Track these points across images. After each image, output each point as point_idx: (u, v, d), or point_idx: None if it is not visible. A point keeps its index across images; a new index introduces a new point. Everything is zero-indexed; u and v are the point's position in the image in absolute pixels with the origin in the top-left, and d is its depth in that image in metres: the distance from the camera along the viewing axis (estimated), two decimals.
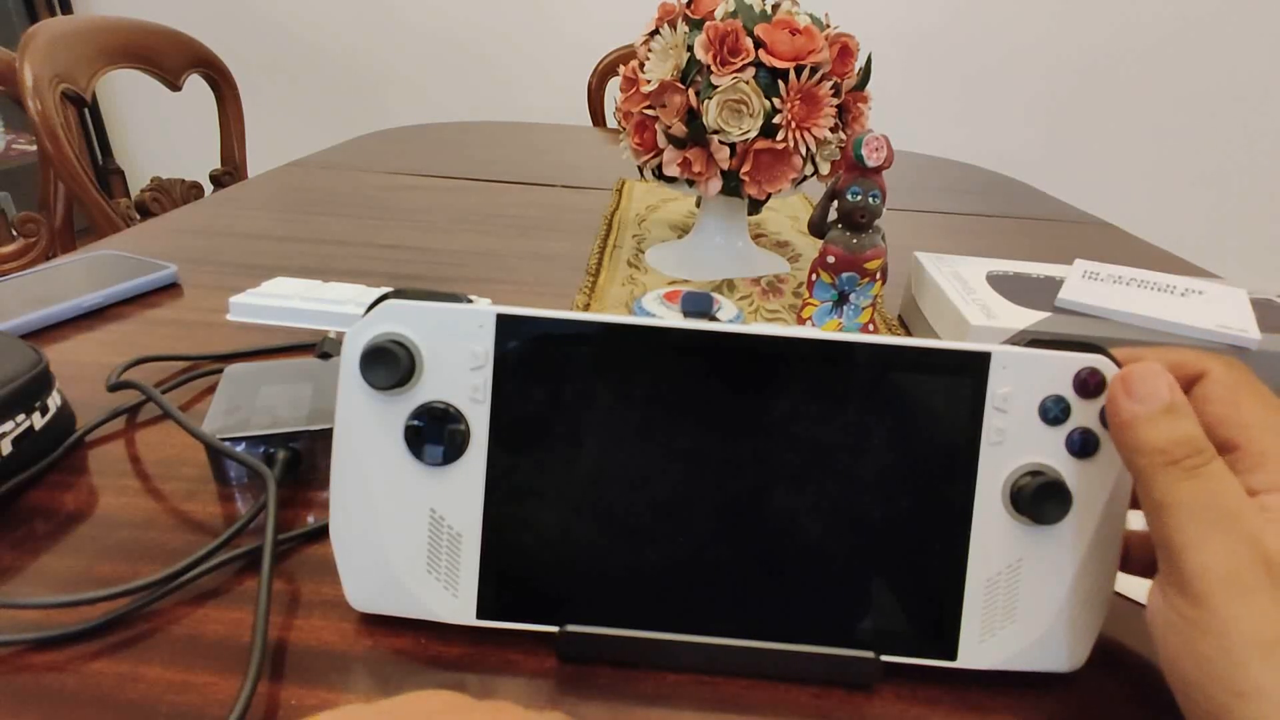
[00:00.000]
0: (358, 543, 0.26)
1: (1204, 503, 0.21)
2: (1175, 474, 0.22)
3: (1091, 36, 1.98)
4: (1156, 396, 0.23)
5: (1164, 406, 0.22)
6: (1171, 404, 0.22)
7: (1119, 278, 0.53)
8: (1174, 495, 0.22)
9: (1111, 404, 0.24)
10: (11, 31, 1.98)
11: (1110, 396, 0.24)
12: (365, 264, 0.63)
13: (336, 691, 0.24)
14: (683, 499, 0.26)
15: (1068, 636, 0.25)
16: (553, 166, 1.03)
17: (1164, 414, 0.22)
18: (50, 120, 0.88)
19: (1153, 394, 0.23)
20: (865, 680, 0.26)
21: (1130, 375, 0.23)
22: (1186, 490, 0.21)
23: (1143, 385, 0.23)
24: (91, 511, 0.32)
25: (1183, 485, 0.21)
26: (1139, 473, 0.23)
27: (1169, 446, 0.22)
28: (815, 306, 0.50)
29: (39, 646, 0.25)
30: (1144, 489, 0.22)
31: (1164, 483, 0.22)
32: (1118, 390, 0.23)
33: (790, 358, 0.25)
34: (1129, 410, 0.23)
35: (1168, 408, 0.22)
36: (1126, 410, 0.23)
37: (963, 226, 0.87)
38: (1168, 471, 0.22)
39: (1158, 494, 0.22)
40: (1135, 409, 0.23)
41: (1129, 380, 0.23)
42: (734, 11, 0.55)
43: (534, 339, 0.25)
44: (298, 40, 2.11)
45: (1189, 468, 0.22)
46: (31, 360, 0.34)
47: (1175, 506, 0.21)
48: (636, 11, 0.80)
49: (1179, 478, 0.22)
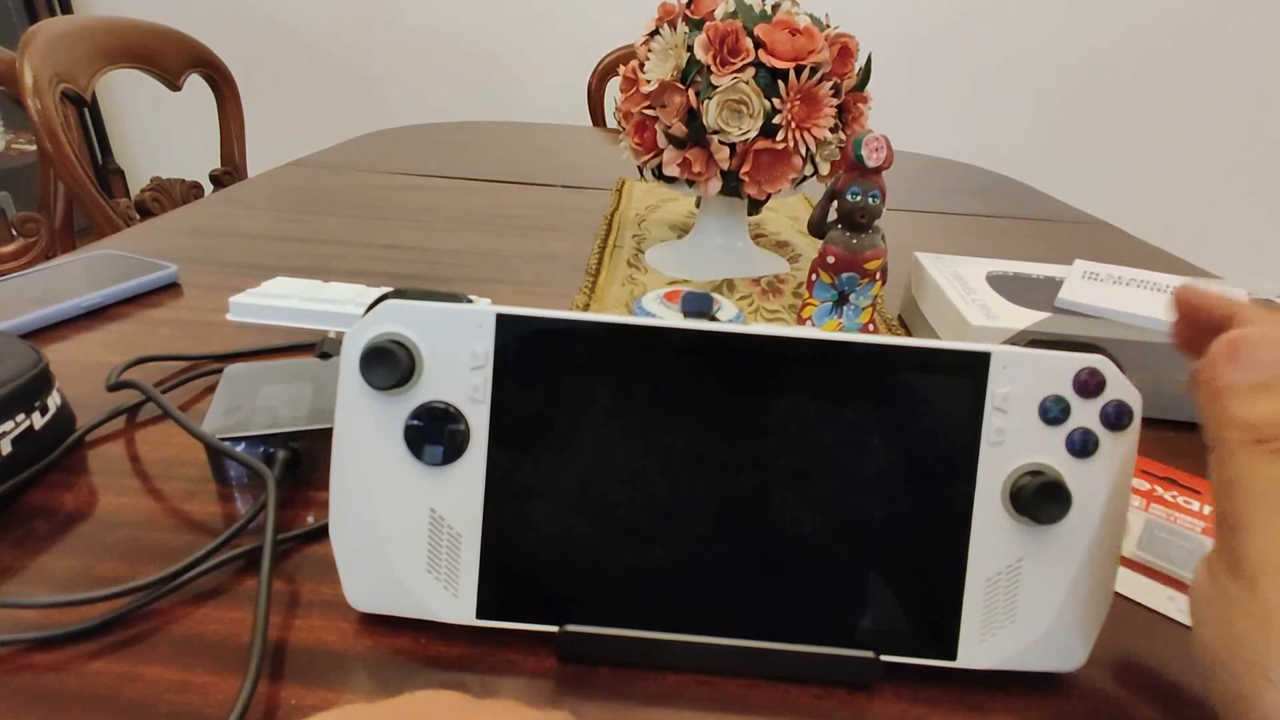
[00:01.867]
0: (358, 543, 0.26)
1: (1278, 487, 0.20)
2: (1258, 453, 0.20)
3: (1091, 39, 1.98)
4: (1262, 368, 0.21)
5: (1265, 380, 0.21)
6: (1272, 379, 0.21)
7: (1119, 278, 0.53)
8: (1251, 474, 0.20)
9: (1209, 367, 0.22)
10: (11, 31, 1.98)
11: (1210, 359, 0.22)
12: (365, 264, 0.63)
13: (336, 691, 0.24)
14: (683, 499, 0.26)
15: (1068, 636, 0.25)
16: (553, 166, 1.03)
17: (1263, 388, 0.21)
18: (50, 120, 0.88)
19: (1259, 364, 0.21)
20: (865, 680, 0.26)
21: (1242, 340, 0.21)
22: (1267, 471, 0.20)
23: (1251, 353, 0.21)
24: (91, 511, 0.32)
25: (1264, 466, 0.20)
26: (1219, 444, 0.21)
27: (1260, 423, 0.20)
28: (815, 306, 0.50)
29: (39, 646, 0.25)
30: (1219, 461, 0.21)
31: (1243, 460, 0.21)
32: (1221, 354, 0.22)
33: (790, 358, 0.25)
34: (1228, 378, 0.21)
35: (1267, 382, 0.21)
36: (1225, 377, 0.21)
37: (963, 227, 0.87)
38: (1250, 450, 0.21)
39: (1233, 470, 0.21)
40: (1236, 377, 0.21)
41: (1239, 345, 0.21)
42: (734, 11, 0.55)
43: (534, 339, 0.25)
44: (298, 40, 2.11)
45: (1274, 450, 0.20)
46: (31, 360, 0.34)
47: (1249, 486, 0.20)
48: (636, 12, 0.80)
49: (1262, 458, 0.20)
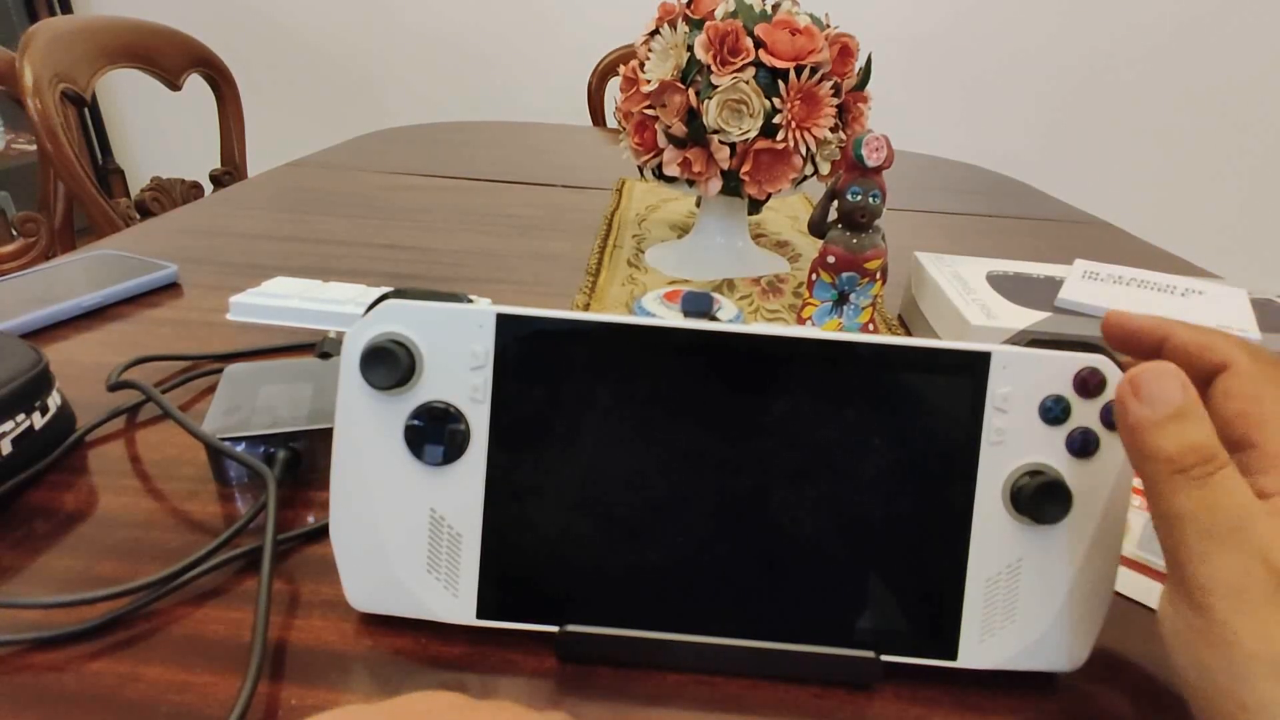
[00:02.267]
0: (358, 543, 0.26)
1: (1211, 514, 0.20)
2: (1183, 483, 0.21)
3: (1092, 39, 1.98)
4: (1167, 400, 0.21)
5: (1174, 411, 0.21)
6: (1182, 408, 0.21)
7: (1119, 278, 0.53)
8: (1181, 505, 0.21)
9: (1119, 405, 0.22)
10: (11, 31, 1.98)
11: (1118, 397, 0.22)
12: (365, 264, 0.63)
13: (336, 691, 0.24)
14: (683, 499, 0.26)
15: (1068, 636, 0.25)
16: (553, 166, 1.03)
17: (1174, 419, 0.21)
18: (50, 120, 0.88)
19: (1163, 397, 0.21)
20: (865, 680, 0.26)
21: (1140, 376, 0.22)
22: (1194, 500, 0.20)
23: (1153, 387, 0.21)
24: (91, 511, 0.32)
25: (1190, 495, 0.20)
26: (1146, 479, 0.22)
27: (1177, 454, 0.21)
28: (815, 306, 0.50)
29: (39, 646, 0.25)
30: (1151, 496, 0.22)
31: (1171, 492, 0.21)
32: (1125, 392, 0.22)
33: (790, 358, 0.25)
34: (1136, 414, 0.21)
35: (1178, 412, 0.21)
36: (1134, 414, 0.21)
37: (963, 226, 0.87)
38: (1175, 480, 0.21)
39: (1164, 503, 0.21)
40: (1143, 413, 0.21)
41: (1138, 381, 0.22)
42: (734, 11, 0.55)
43: (534, 339, 0.25)
44: (298, 40, 2.11)
45: (1197, 476, 0.20)
46: (31, 360, 0.34)
47: (1182, 517, 0.21)
48: (636, 12, 0.80)
49: (1187, 487, 0.21)
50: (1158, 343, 0.25)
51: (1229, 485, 0.20)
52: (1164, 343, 0.25)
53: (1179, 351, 0.24)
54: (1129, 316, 0.26)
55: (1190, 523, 0.20)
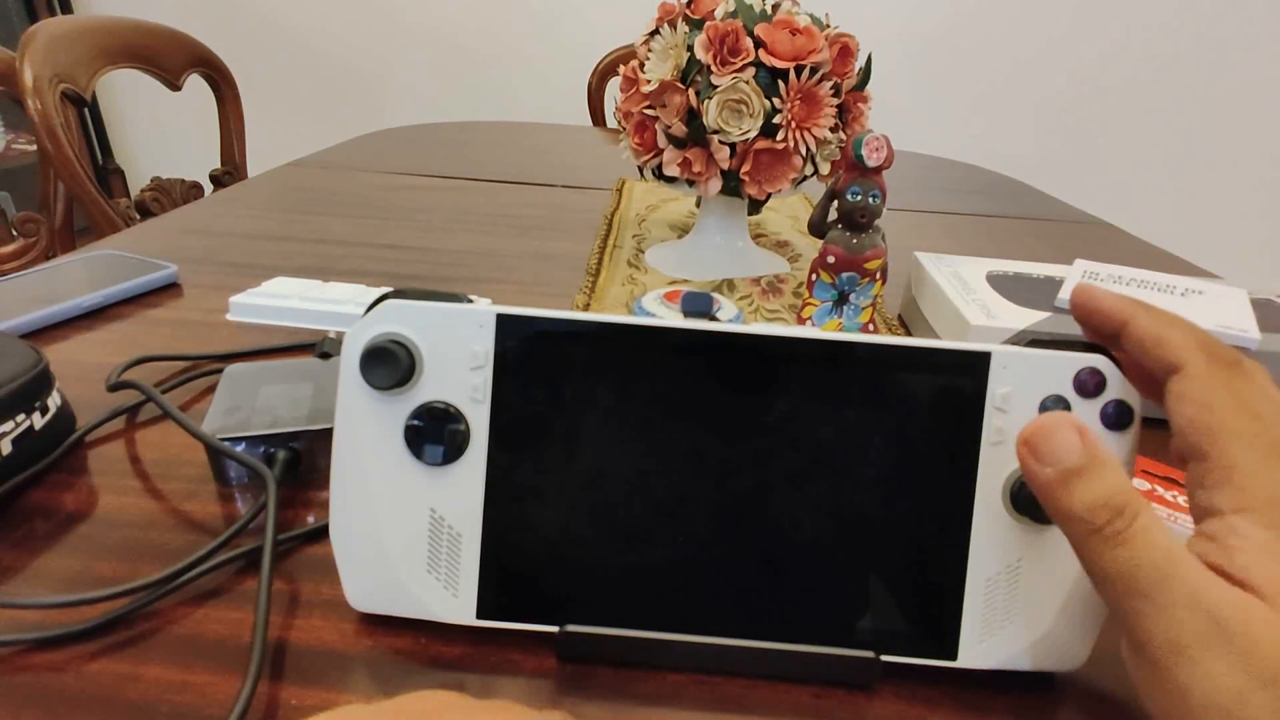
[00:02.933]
0: (358, 543, 0.26)
1: (1132, 572, 0.19)
2: (1099, 542, 0.20)
3: (1092, 39, 1.98)
4: (1064, 455, 0.20)
5: (1073, 467, 0.20)
6: (1082, 463, 0.20)
7: (1119, 278, 0.53)
8: (1103, 565, 0.20)
9: (1022, 466, 0.22)
10: (11, 31, 1.98)
11: (1019, 458, 0.22)
12: (365, 264, 0.63)
13: (336, 691, 0.24)
14: (683, 499, 0.26)
15: (1068, 636, 0.25)
16: (553, 166, 1.03)
17: (1075, 476, 0.20)
18: (50, 120, 0.88)
19: (1060, 453, 0.20)
20: (865, 680, 0.26)
21: (1033, 436, 0.21)
22: (1113, 559, 0.20)
23: (1047, 444, 0.21)
24: (91, 511, 0.32)
25: (1109, 554, 0.20)
26: (1069, 539, 0.21)
27: (1087, 513, 0.20)
28: (815, 306, 0.50)
29: (39, 646, 0.25)
30: (1077, 555, 0.21)
31: (1090, 551, 0.20)
32: (1023, 453, 0.21)
33: (790, 358, 0.25)
34: (1038, 475, 0.21)
35: (1079, 468, 0.20)
36: (1037, 475, 0.21)
37: (963, 226, 0.87)
38: (1092, 540, 0.20)
39: (1088, 564, 0.21)
40: (1045, 472, 0.21)
41: (1032, 441, 0.21)
42: (734, 11, 0.55)
43: (534, 339, 0.25)
44: (298, 40, 2.11)
45: (1110, 534, 0.20)
46: (31, 360, 0.34)
47: (1105, 576, 0.20)
48: (636, 12, 0.80)
49: (1104, 546, 0.20)
50: (1118, 327, 0.24)
51: (1145, 538, 0.20)
52: (1124, 328, 0.24)
53: (1136, 341, 0.23)
54: (1095, 294, 0.25)
55: (1115, 583, 0.20)
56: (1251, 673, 0.18)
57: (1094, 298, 0.25)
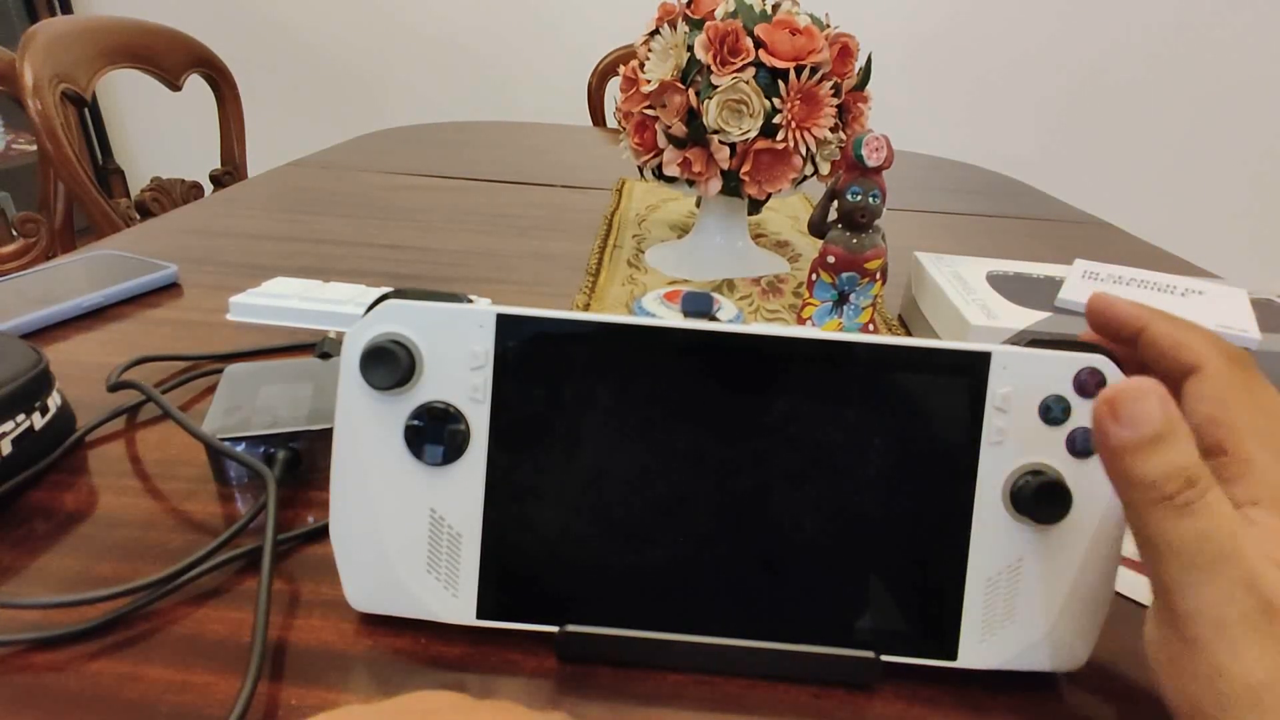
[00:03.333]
0: (358, 543, 0.26)
1: (1196, 544, 0.19)
2: (1166, 511, 0.20)
3: (1092, 39, 1.98)
4: (1147, 421, 0.20)
5: (1155, 433, 0.20)
6: (1163, 430, 0.20)
7: (1119, 278, 0.53)
8: (1165, 534, 0.20)
9: (1097, 428, 0.21)
10: (11, 31, 1.98)
11: (1095, 419, 0.21)
12: (365, 264, 0.63)
13: (336, 691, 0.24)
14: (683, 499, 0.26)
15: (1068, 636, 0.25)
16: (553, 166, 1.03)
17: (1155, 442, 0.20)
18: (50, 120, 0.88)
19: (1143, 418, 0.20)
20: (865, 680, 0.26)
21: (1118, 397, 0.20)
22: (1179, 530, 0.19)
23: (1131, 408, 0.20)
24: (91, 511, 0.32)
25: (1175, 524, 0.19)
26: (1127, 505, 0.21)
27: (1160, 480, 0.20)
28: (815, 306, 0.50)
29: (39, 646, 0.25)
30: (1133, 522, 0.21)
31: (1155, 520, 0.20)
32: (1103, 413, 0.20)
33: (790, 358, 0.25)
34: (1116, 437, 0.20)
35: (1159, 435, 0.20)
36: (1114, 437, 0.20)
37: (963, 226, 0.87)
38: (1158, 508, 0.20)
39: (1148, 531, 0.20)
40: (1124, 435, 0.20)
41: (1116, 403, 0.20)
42: (734, 11, 0.55)
43: (534, 339, 0.25)
44: (298, 40, 2.11)
45: (1181, 504, 0.19)
46: (31, 360, 0.34)
47: (1167, 546, 0.20)
48: (636, 12, 0.80)
49: (1171, 515, 0.19)
50: (1135, 333, 0.25)
51: (1214, 510, 0.19)
52: (1141, 333, 0.24)
53: (1154, 345, 0.24)
54: (1111, 300, 0.25)
55: (1176, 553, 0.20)
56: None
57: (1110, 304, 0.25)
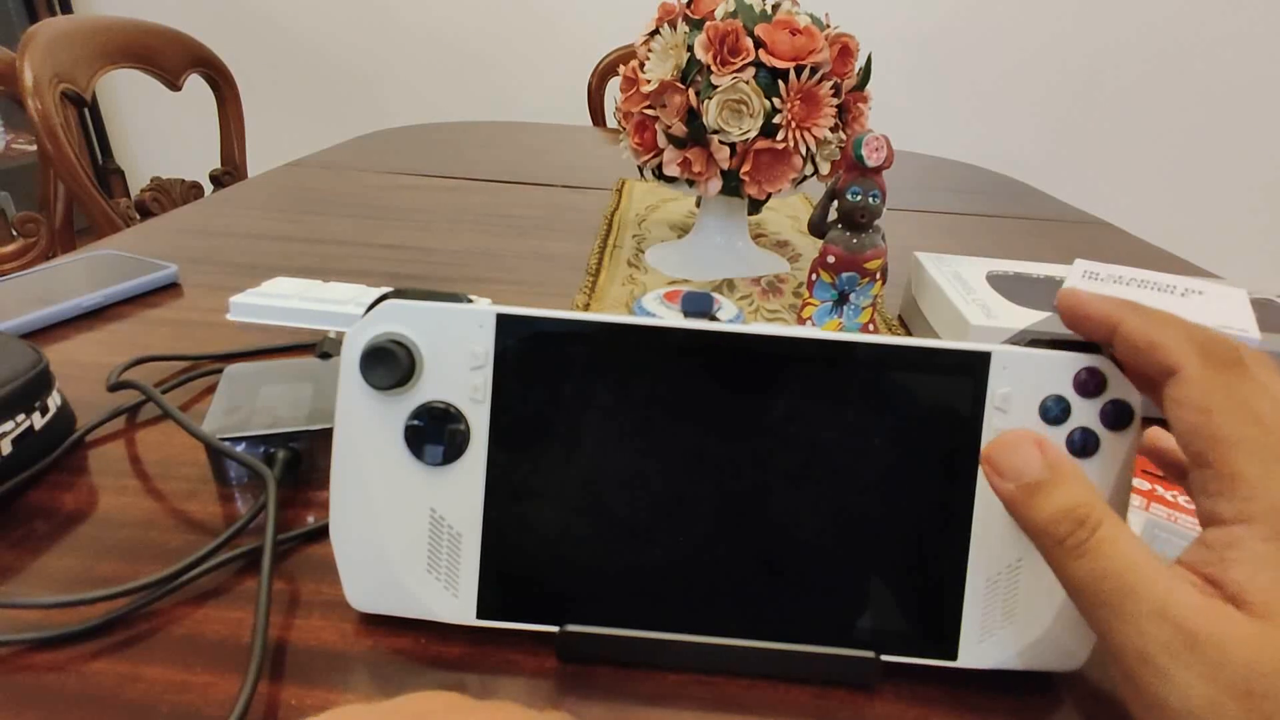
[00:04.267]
0: (358, 543, 0.26)
1: (1095, 584, 0.19)
2: (1063, 554, 0.20)
3: (1092, 38, 1.98)
4: (1025, 470, 0.21)
5: (1034, 481, 0.21)
6: (1041, 477, 0.21)
7: (1119, 278, 0.53)
8: (1068, 576, 0.20)
9: (988, 482, 0.22)
10: (11, 31, 1.98)
11: (986, 476, 0.22)
12: (365, 264, 0.63)
13: (336, 691, 0.24)
14: (683, 499, 0.26)
15: (1068, 636, 0.25)
16: (553, 166, 1.03)
17: (1035, 490, 0.21)
18: (50, 120, 0.88)
19: (1020, 468, 0.21)
20: (865, 680, 0.26)
21: (993, 451, 0.22)
22: (1078, 571, 0.20)
23: (1010, 459, 0.21)
24: (91, 511, 0.32)
25: (1073, 566, 0.20)
26: (1040, 552, 0.21)
27: (1048, 525, 0.20)
28: (815, 306, 0.50)
29: (39, 646, 0.25)
30: (1050, 566, 0.21)
31: (1056, 563, 0.20)
32: (987, 469, 0.22)
33: (790, 358, 0.25)
34: (1002, 489, 0.21)
35: (1037, 483, 0.21)
36: (1001, 490, 0.22)
37: (963, 226, 0.87)
38: (1056, 551, 0.20)
39: (1058, 574, 0.21)
40: (1007, 487, 0.21)
41: (994, 460, 0.22)
42: (734, 11, 0.55)
43: (534, 339, 0.25)
44: (298, 40, 2.11)
45: (1072, 546, 0.20)
46: (31, 360, 0.34)
47: (1073, 588, 0.20)
48: (636, 12, 0.80)
49: (1068, 558, 0.20)
50: (1109, 332, 0.23)
51: (1108, 549, 0.20)
52: (1114, 333, 0.23)
53: (1127, 344, 0.23)
54: (1081, 297, 0.24)
55: (1082, 594, 0.20)
56: (1222, 683, 0.18)
57: (1081, 303, 0.24)
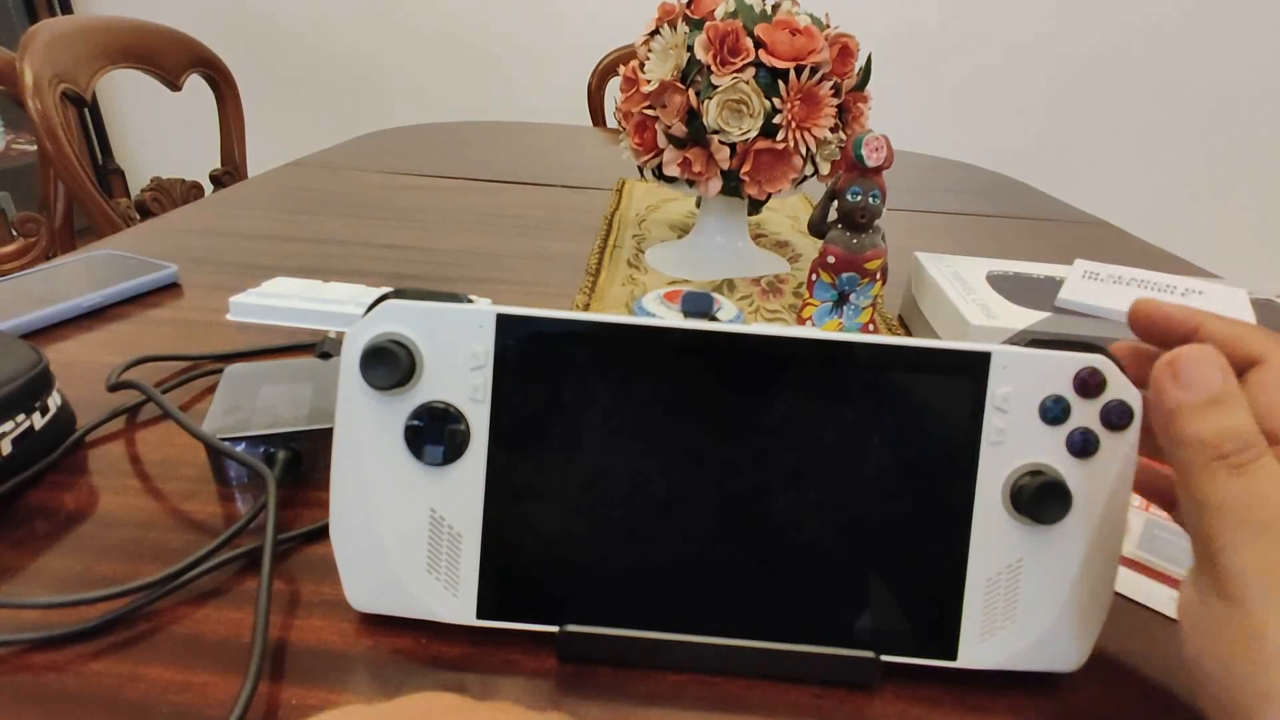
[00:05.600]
0: (358, 543, 0.26)
1: (1249, 503, 0.20)
2: (1220, 470, 0.20)
3: (1092, 38, 1.98)
4: (1207, 384, 0.21)
5: (1213, 396, 0.20)
6: (1221, 393, 0.20)
7: (1119, 278, 0.53)
8: (1218, 493, 0.20)
9: (1156, 389, 0.21)
10: (11, 31, 1.98)
11: (1155, 380, 0.21)
12: (365, 264, 0.63)
13: (336, 691, 0.24)
14: (683, 499, 0.26)
15: (1068, 636, 0.25)
16: (553, 166, 1.03)
17: (1212, 404, 0.20)
18: (50, 120, 0.88)
19: (1203, 380, 0.21)
20: (865, 680, 0.26)
21: (1179, 359, 0.21)
22: (1232, 489, 0.20)
23: (1192, 370, 0.21)
24: (91, 511, 0.32)
25: (1228, 483, 0.20)
26: (1181, 466, 0.21)
27: (1216, 440, 0.20)
28: (815, 306, 0.50)
29: (39, 646, 0.25)
30: (1184, 483, 0.21)
31: (1207, 479, 0.20)
32: (1164, 375, 0.21)
33: (790, 358, 0.25)
34: (1175, 398, 0.21)
35: (1217, 397, 0.20)
36: (1172, 397, 0.21)
37: (963, 226, 0.87)
38: (1212, 467, 0.20)
39: (1200, 491, 0.20)
40: (1182, 396, 0.21)
41: (1177, 364, 0.21)
42: (734, 11, 0.55)
43: (534, 339, 0.25)
44: (298, 40, 2.11)
45: (1235, 464, 0.20)
46: (31, 360, 0.34)
47: (1218, 505, 0.20)
48: (636, 11, 0.80)
49: (1224, 475, 0.20)
50: (1188, 334, 0.24)
51: (1269, 472, 0.20)
52: (1194, 334, 0.24)
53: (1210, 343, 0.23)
54: (1158, 304, 0.25)
55: (1226, 512, 0.20)
56: None
57: (1161, 309, 0.25)
